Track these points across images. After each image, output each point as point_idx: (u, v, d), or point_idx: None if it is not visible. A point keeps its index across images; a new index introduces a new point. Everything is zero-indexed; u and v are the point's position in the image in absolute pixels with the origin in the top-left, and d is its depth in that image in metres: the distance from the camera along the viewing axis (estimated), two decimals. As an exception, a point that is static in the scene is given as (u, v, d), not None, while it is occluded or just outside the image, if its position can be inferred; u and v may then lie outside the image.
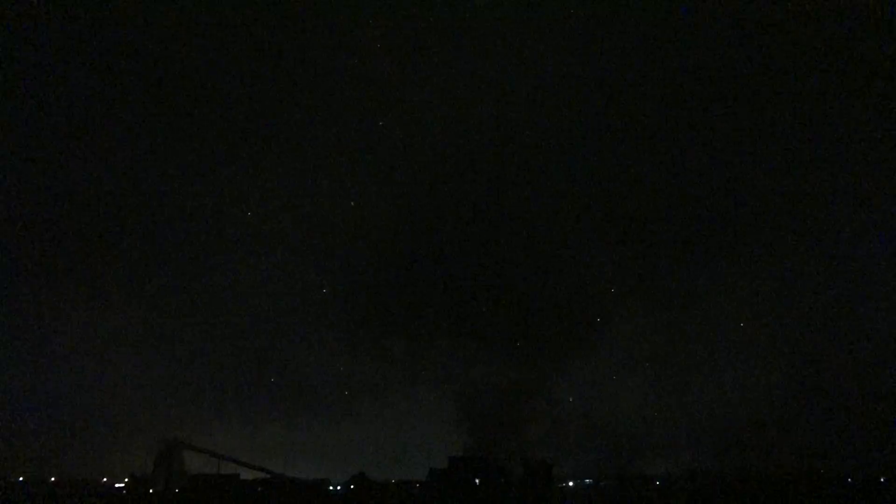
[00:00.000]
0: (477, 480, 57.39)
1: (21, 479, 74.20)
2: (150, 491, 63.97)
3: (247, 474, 67.21)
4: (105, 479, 74.54)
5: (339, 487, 65.86)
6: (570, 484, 71.37)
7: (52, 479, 73.77)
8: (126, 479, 69.37)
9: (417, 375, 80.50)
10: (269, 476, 67.74)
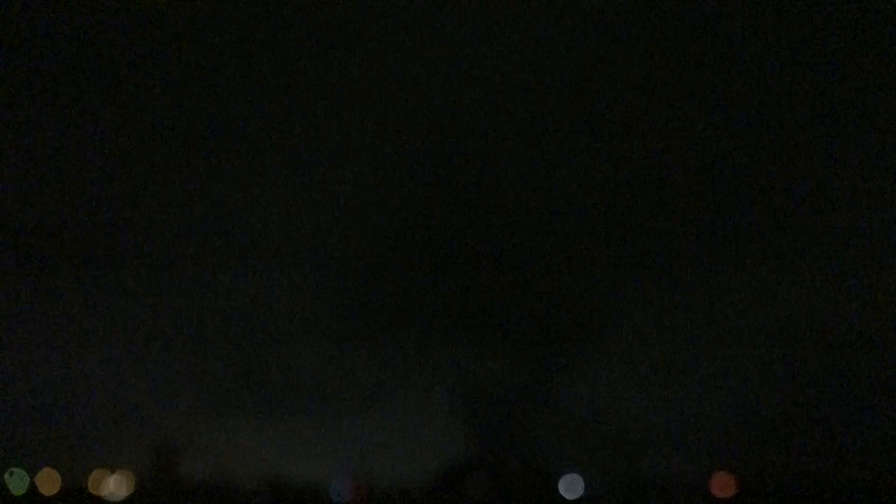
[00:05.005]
0: (477, 480, 56.76)
1: (21, 479, 73.52)
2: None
3: (246, 474, 66.32)
4: (105, 479, 73.71)
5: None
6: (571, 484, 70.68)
7: (52, 479, 73.08)
8: (126, 480, 68.62)
9: (417, 375, 80.00)
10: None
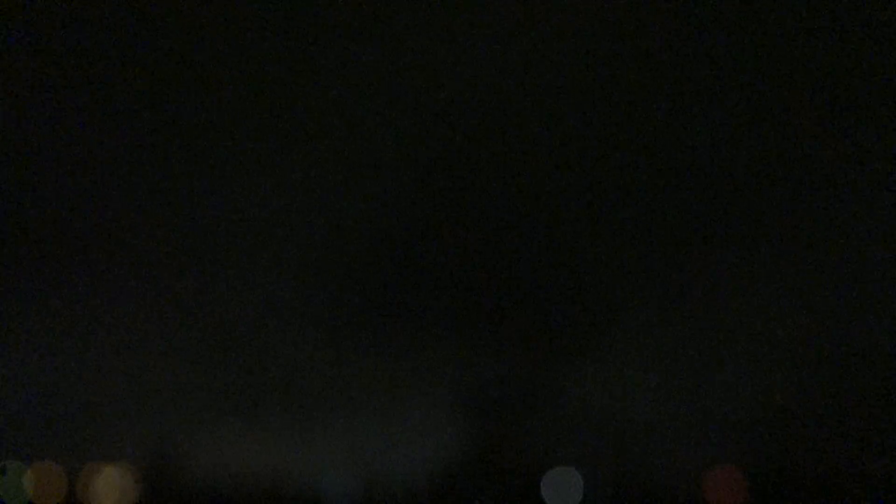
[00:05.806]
0: (476, 480, 56.74)
1: (21, 479, 73.66)
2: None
3: (246, 474, 66.39)
4: (105, 479, 73.81)
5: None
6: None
7: (52, 479, 73.18)
8: (126, 480, 68.65)
9: (416, 374, 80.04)
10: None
